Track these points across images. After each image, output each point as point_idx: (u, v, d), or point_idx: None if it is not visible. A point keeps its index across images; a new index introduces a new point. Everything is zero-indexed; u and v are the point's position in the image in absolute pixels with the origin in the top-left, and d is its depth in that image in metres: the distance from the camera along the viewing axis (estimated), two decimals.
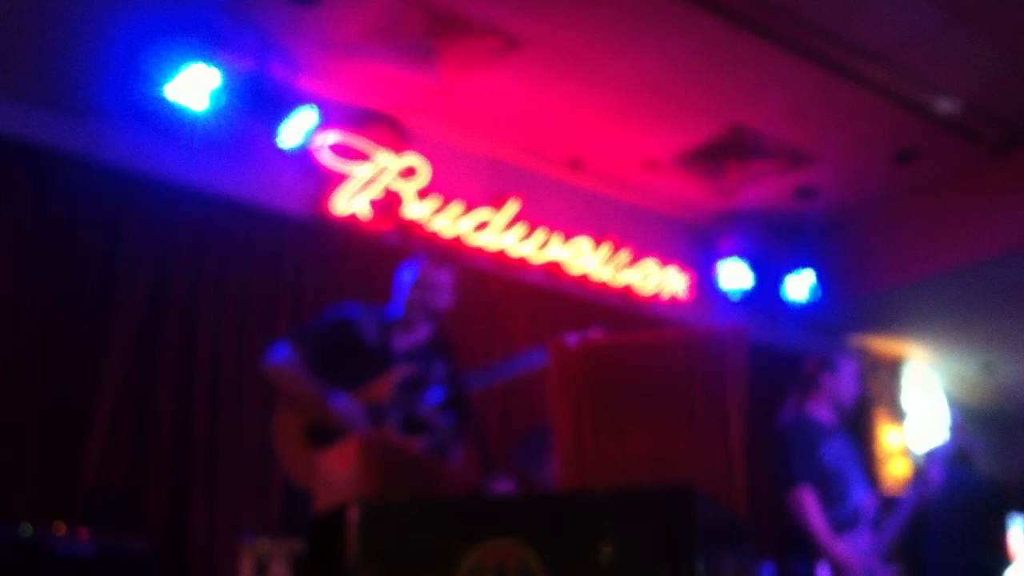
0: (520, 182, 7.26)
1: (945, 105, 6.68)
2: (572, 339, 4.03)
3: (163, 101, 5.50)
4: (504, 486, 4.67)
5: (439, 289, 4.06)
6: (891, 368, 9.32)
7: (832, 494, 4.54)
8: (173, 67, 5.44)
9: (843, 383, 4.81)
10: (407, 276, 4.14)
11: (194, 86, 5.49)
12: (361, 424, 3.75)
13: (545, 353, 4.04)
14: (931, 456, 4.69)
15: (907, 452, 9.00)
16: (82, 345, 5.52)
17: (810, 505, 4.46)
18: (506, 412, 6.64)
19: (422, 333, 4.11)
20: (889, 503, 4.68)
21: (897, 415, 9.20)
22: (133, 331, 5.66)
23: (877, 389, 9.00)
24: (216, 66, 5.51)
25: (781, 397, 4.85)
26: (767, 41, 6.00)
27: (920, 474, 4.67)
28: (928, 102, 6.66)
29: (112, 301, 5.66)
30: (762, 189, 7.64)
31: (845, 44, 6.09)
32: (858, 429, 7.78)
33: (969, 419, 5.11)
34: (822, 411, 4.76)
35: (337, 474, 2.87)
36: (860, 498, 4.61)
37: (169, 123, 5.60)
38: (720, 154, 7.22)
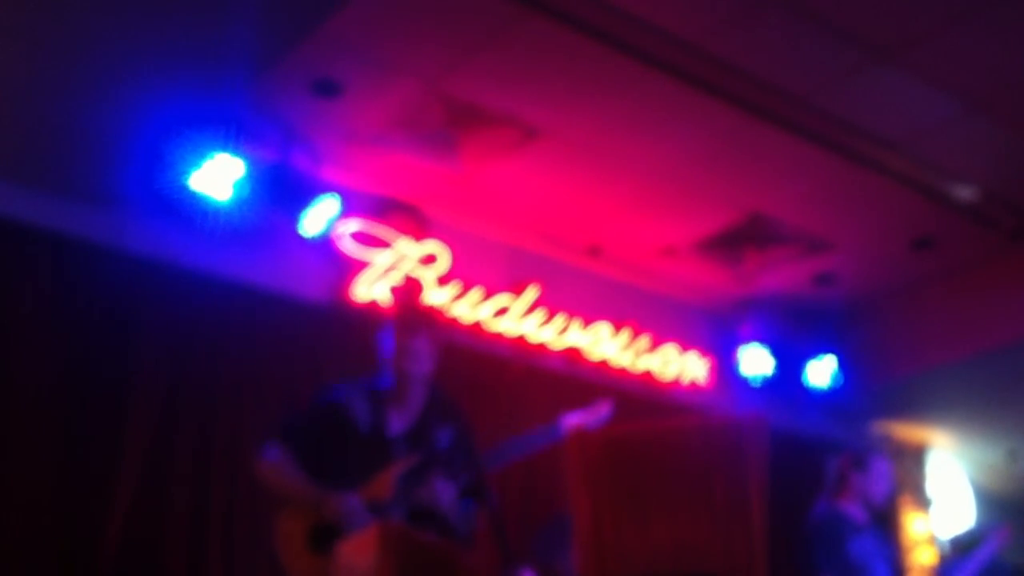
0: (539, 269, 7.28)
1: (962, 193, 6.71)
2: (583, 415, 4.00)
3: (187, 191, 5.57)
4: None
5: (415, 356, 3.92)
6: (915, 455, 9.22)
7: None
8: (197, 158, 5.51)
9: (873, 483, 4.80)
10: (385, 344, 4.01)
11: (218, 176, 5.55)
12: (363, 521, 3.63)
13: (558, 427, 4.03)
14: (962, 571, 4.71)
15: (933, 540, 8.86)
16: (101, 434, 5.50)
17: None
18: (526, 499, 6.58)
19: (415, 402, 3.97)
20: None
21: (922, 503, 9.08)
22: (152, 420, 5.64)
23: (901, 477, 8.88)
24: (240, 157, 5.58)
25: (803, 485, 4.83)
26: (784, 130, 6.06)
27: None
28: (945, 190, 6.68)
29: (131, 390, 5.64)
30: (781, 276, 7.64)
31: (862, 133, 6.14)
32: (883, 519, 7.69)
33: (994, 507, 5.09)
34: (853, 508, 4.76)
35: (356, 565, 2.86)
36: None
37: (193, 213, 5.65)
38: (738, 241, 7.24)
